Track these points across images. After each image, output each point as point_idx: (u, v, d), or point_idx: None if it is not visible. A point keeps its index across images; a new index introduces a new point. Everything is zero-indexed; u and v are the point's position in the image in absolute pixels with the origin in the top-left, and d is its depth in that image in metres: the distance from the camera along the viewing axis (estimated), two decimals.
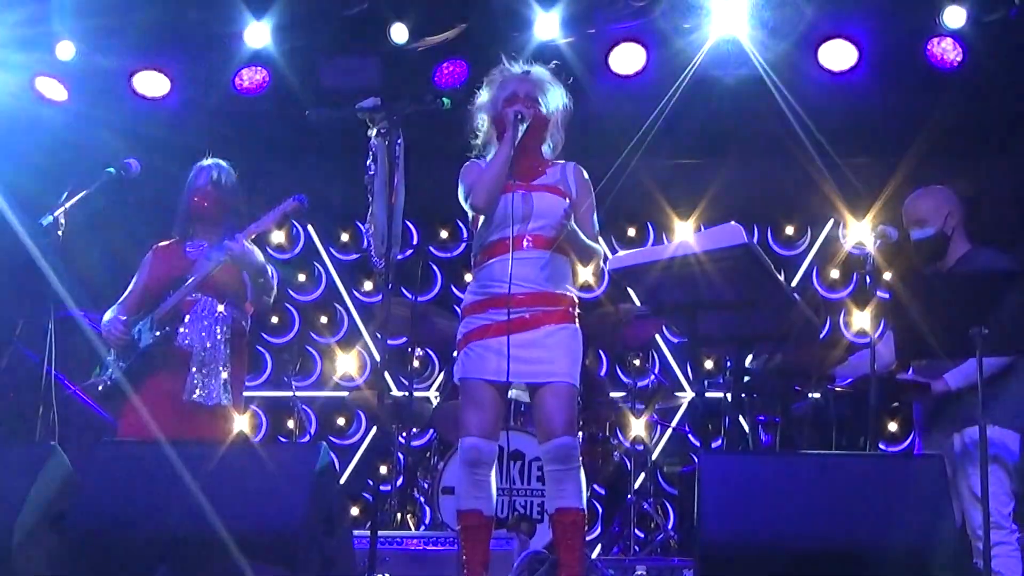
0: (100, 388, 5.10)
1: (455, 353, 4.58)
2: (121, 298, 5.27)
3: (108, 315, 5.20)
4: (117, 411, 5.12)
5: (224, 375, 5.07)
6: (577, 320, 4.54)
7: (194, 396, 5.01)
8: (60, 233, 5.01)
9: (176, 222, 5.32)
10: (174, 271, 5.17)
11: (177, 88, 7.50)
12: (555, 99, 4.64)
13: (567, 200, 4.48)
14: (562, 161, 4.68)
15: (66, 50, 7.19)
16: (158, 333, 5.03)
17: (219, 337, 5.10)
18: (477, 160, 4.66)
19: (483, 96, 4.69)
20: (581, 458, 4.46)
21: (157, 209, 6.25)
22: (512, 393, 4.55)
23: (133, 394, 5.03)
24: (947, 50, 7.03)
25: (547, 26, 6.96)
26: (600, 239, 4.65)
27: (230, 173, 5.33)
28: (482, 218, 4.54)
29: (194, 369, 5.02)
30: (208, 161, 5.33)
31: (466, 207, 4.57)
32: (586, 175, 4.66)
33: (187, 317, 5.07)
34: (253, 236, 5.12)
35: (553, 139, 4.67)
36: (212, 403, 5.02)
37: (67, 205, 5.02)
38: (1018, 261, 4.95)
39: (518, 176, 4.50)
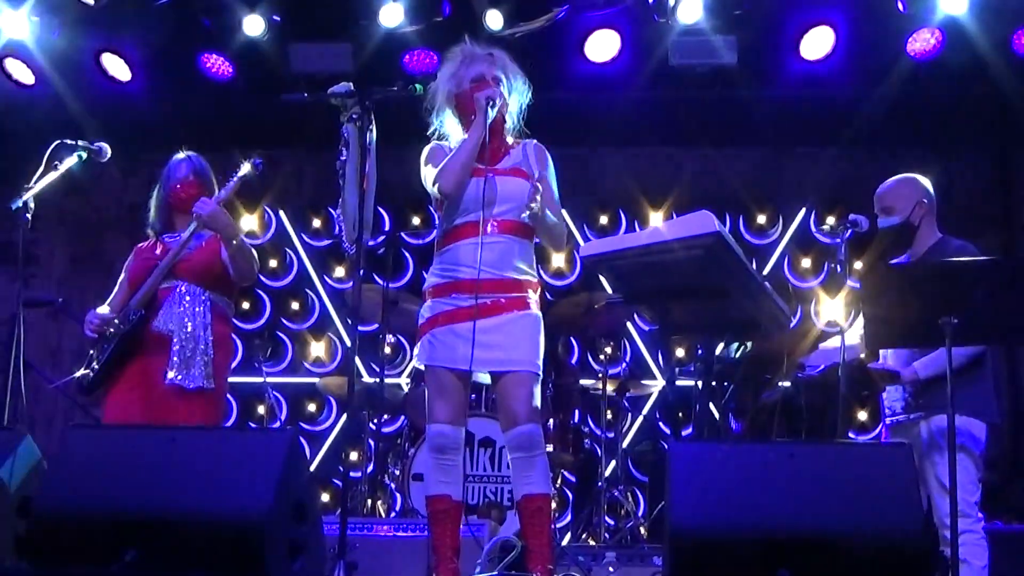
0: (84, 383, 5.04)
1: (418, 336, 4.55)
2: (109, 298, 5.21)
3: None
4: (100, 400, 5.07)
5: (206, 359, 5.01)
6: (538, 305, 4.52)
7: (175, 378, 4.92)
8: (29, 216, 4.97)
9: (155, 217, 5.22)
10: (153, 261, 5.12)
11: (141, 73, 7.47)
12: (517, 82, 4.62)
13: (530, 182, 4.40)
14: (522, 140, 4.65)
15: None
16: (133, 317, 4.99)
17: (200, 320, 5.03)
18: (440, 143, 4.62)
19: (443, 72, 4.65)
20: (551, 445, 4.46)
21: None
22: (476, 376, 4.54)
23: (115, 380, 4.99)
24: (927, 39, 7.09)
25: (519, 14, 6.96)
26: (564, 213, 4.60)
27: (207, 165, 5.28)
28: (447, 202, 4.50)
29: (176, 349, 4.95)
30: (183, 154, 5.26)
31: (432, 191, 4.53)
32: (546, 151, 4.62)
33: (164, 302, 5.01)
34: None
35: (514, 121, 4.64)
36: (193, 386, 4.94)
37: (36, 189, 4.98)
38: (987, 251, 4.97)
39: (483, 160, 4.49)
